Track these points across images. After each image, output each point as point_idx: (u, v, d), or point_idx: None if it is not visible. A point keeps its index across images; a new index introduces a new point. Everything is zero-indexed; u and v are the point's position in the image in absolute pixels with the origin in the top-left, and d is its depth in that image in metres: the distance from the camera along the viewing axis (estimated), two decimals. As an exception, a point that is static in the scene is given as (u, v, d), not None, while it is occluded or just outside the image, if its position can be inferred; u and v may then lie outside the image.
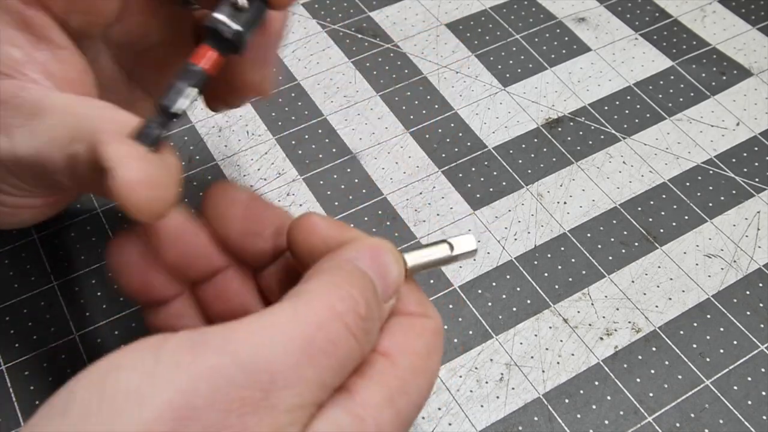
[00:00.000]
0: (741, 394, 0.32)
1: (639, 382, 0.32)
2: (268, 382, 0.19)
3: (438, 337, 0.24)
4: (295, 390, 0.20)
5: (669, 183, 0.39)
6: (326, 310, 0.21)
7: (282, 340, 0.20)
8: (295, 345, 0.20)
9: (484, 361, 0.33)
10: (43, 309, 0.34)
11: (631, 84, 0.44)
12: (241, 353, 0.19)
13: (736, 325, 0.34)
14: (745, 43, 0.46)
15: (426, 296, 0.25)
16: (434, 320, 0.25)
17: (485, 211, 0.38)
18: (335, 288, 0.22)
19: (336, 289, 0.22)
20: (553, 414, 0.31)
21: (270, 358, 0.19)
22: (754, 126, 0.42)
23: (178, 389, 0.18)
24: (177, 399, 0.18)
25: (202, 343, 0.19)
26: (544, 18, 0.47)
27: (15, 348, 0.33)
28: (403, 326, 0.24)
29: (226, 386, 0.19)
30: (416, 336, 0.24)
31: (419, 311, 0.25)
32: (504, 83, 0.44)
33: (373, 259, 0.24)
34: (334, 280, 0.22)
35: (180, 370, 0.19)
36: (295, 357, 0.20)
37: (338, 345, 0.21)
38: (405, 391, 0.22)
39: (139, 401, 0.18)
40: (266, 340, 0.20)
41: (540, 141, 0.41)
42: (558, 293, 0.35)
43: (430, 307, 0.25)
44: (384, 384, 0.22)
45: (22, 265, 0.36)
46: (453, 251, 0.26)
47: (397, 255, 0.24)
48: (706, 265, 0.36)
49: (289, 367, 0.20)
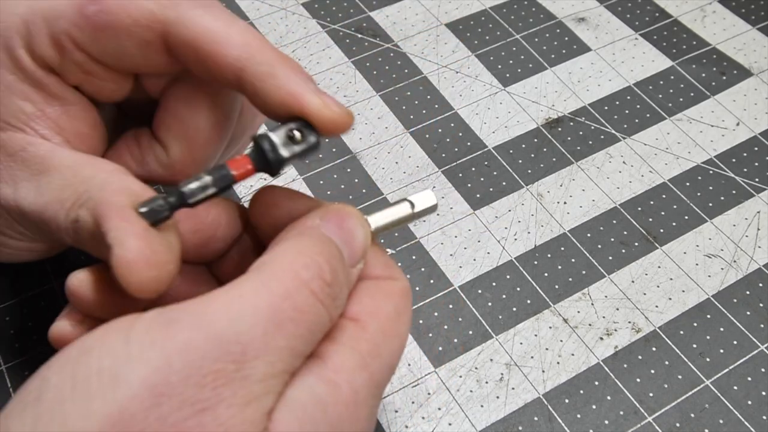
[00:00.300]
0: (741, 394, 0.32)
1: (639, 382, 0.32)
2: (240, 354, 0.19)
3: (406, 298, 0.24)
4: (266, 359, 0.20)
5: (669, 183, 0.39)
6: (291, 278, 0.21)
7: (250, 311, 0.20)
8: (263, 315, 0.20)
9: (484, 361, 0.33)
10: (43, 309, 0.34)
11: (631, 84, 0.44)
12: (212, 327, 0.19)
13: (736, 325, 0.34)
14: (745, 43, 0.46)
15: (391, 259, 0.26)
16: (401, 282, 0.25)
17: (485, 211, 0.38)
18: (299, 255, 0.22)
19: (300, 257, 0.22)
20: (553, 414, 0.31)
21: (239, 329, 0.20)
22: (754, 126, 0.42)
23: (152, 367, 0.19)
24: (151, 376, 0.19)
25: (174, 319, 0.20)
26: (544, 18, 0.47)
27: (15, 348, 0.33)
28: (371, 290, 0.24)
29: (199, 360, 0.19)
30: (384, 299, 0.24)
31: (386, 274, 0.25)
32: (504, 83, 0.44)
33: (338, 225, 0.24)
34: (298, 247, 0.22)
35: (153, 348, 0.19)
36: (263, 327, 0.20)
37: (306, 312, 0.21)
38: (377, 353, 0.22)
39: (113, 382, 0.18)
40: (235, 313, 0.20)
41: (540, 141, 0.41)
42: (558, 293, 0.35)
43: (396, 269, 0.25)
44: (355, 348, 0.22)
45: (22, 266, 0.36)
46: (414, 209, 0.26)
47: (362, 219, 0.24)
48: (706, 265, 0.36)
49: (258, 337, 0.20)
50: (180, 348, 0.19)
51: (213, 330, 0.19)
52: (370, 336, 0.23)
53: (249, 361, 0.19)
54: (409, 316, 0.25)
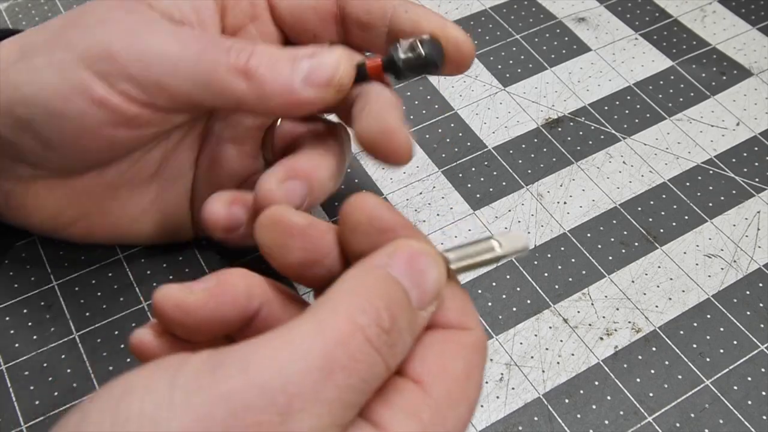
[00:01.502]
0: (741, 394, 0.32)
1: (639, 382, 0.32)
2: (286, 405, 0.18)
3: (479, 354, 0.22)
4: (314, 411, 0.18)
5: (669, 183, 0.39)
6: (347, 323, 0.19)
7: (300, 358, 0.19)
8: (314, 363, 0.19)
9: (484, 361, 0.33)
10: (43, 309, 0.34)
11: (631, 84, 0.44)
12: (258, 375, 0.18)
13: (736, 325, 0.34)
14: (745, 43, 0.46)
15: (470, 302, 0.23)
16: (474, 333, 0.22)
17: (485, 211, 0.38)
18: (357, 298, 0.20)
19: (358, 299, 0.20)
20: (553, 414, 0.31)
21: (287, 379, 0.18)
22: (754, 126, 0.42)
23: (193, 416, 0.18)
24: (191, 426, 0.18)
25: (221, 364, 0.19)
26: (544, 18, 0.47)
27: (15, 348, 0.33)
28: (439, 344, 0.22)
29: (243, 411, 0.18)
30: (453, 356, 0.22)
31: (458, 322, 0.22)
32: (504, 83, 0.44)
33: (409, 265, 0.22)
34: (358, 289, 0.20)
35: (196, 396, 0.18)
36: (313, 377, 0.19)
37: (359, 361, 0.19)
38: (441, 422, 0.21)
39: (153, 427, 0.18)
40: (284, 360, 0.19)
41: (540, 141, 0.41)
42: (558, 293, 0.35)
43: (471, 316, 0.23)
44: (416, 416, 0.20)
45: (22, 265, 0.36)
46: (502, 249, 0.23)
47: (438, 258, 0.22)
48: (706, 265, 0.36)
49: (307, 387, 0.18)
50: (224, 397, 0.18)
51: (259, 379, 0.18)
52: (433, 402, 0.21)
53: (295, 413, 0.18)
54: (481, 375, 0.22)
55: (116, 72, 0.27)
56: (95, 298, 0.35)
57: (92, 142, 0.28)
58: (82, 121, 0.27)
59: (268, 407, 0.18)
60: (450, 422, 0.21)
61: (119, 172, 0.31)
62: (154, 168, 0.32)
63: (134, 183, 0.32)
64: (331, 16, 0.31)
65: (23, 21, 0.46)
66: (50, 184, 0.31)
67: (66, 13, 0.29)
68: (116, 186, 0.32)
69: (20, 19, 0.46)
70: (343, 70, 0.28)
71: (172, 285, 0.23)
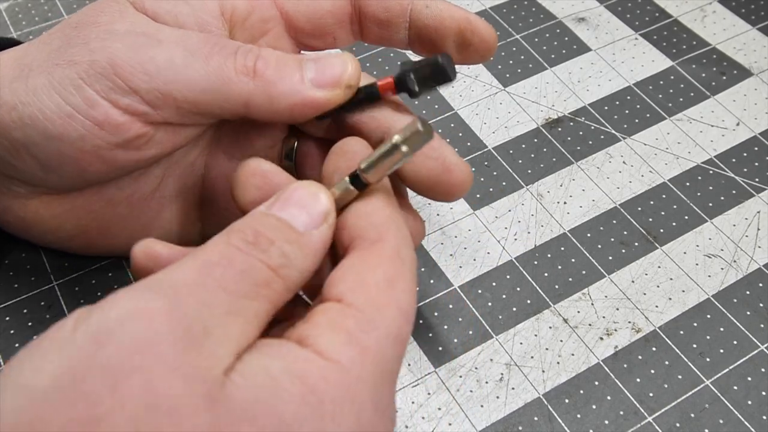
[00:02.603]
0: (741, 394, 0.32)
1: (639, 382, 0.32)
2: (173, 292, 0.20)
3: (397, 261, 0.23)
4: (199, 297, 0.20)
5: (669, 183, 0.39)
6: (216, 244, 0.22)
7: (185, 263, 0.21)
8: (193, 265, 0.21)
9: (484, 361, 0.33)
10: (43, 309, 0.34)
11: (631, 84, 0.44)
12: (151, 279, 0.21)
13: (736, 325, 0.34)
14: (745, 43, 0.46)
15: (391, 211, 0.24)
16: (390, 243, 0.23)
17: (485, 211, 0.38)
18: (228, 230, 0.23)
19: (227, 231, 0.23)
20: (553, 414, 0.31)
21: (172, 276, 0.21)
22: (754, 126, 0.42)
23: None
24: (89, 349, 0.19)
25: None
26: (544, 18, 0.47)
27: (15, 348, 0.33)
28: (354, 264, 0.23)
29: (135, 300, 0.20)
30: (370, 269, 0.22)
31: (373, 236, 0.23)
32: (504, 83, 0.44)
33: (285, 200, 0.24)
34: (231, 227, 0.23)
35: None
36: (195, 271, 0.21)
37: (232, 260, 0.21)
38: (370, 327, 0.21)
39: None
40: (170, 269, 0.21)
41: (540, 141, 0.41)
42: (558, 293, 0.35)
43: (389, 228, 0.23)
44: (340, 327, 0.21)
45: (22, 266, 0.36)
46: (400, 138, 0.23)
47: (319, 187, 0.24)
48: (706, 265, 0.36)
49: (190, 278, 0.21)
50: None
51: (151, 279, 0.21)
52: (356, 311, 0.21)
53: (183, 297, 0.20)
54: (407, 281, 0.23)
55: (120, 86, 0.27)
56: (95, 298, 0.34)
57: (92, 165, 0.28)
58: (83, 144, 0.27)
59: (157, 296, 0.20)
60: (381, 325, 0.21)
61: (119, 188, 0.31)
62: (155, 185, 0.32)
63: (134, 199, 0.32)
64: (348, 17, 0.31)
65: (23, 21, 0.46)
66: (48, 200, 0.30)
67: (65, 24, 0.29)
68: (116, 203, 0.31)
69: (20, 19, 0.46)
70: (351, 69, 0.28)
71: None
